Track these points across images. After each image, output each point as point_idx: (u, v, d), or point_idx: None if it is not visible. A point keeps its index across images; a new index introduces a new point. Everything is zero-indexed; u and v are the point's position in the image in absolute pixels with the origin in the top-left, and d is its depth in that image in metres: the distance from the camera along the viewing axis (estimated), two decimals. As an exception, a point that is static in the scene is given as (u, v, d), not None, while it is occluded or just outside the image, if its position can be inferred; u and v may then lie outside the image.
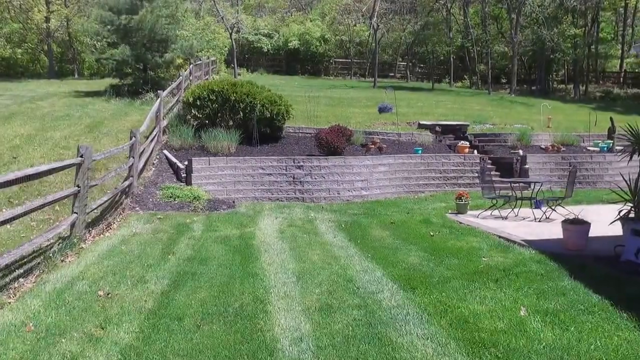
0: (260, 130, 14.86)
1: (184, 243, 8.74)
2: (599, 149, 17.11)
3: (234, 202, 12.30)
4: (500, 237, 9.04)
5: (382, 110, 16.70)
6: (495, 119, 22.22)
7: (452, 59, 41.63)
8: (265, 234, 9.47)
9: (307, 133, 16.77)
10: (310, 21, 44.29)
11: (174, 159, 13.25)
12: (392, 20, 40.99)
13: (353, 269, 7.23)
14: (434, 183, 15.00)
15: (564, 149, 16.96)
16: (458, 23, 44.62)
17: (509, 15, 37.42)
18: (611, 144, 17.06)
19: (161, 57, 19.83)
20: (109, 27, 20.24)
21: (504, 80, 46.50)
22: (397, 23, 41.65)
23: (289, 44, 41.71)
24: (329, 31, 44.37)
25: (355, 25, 45.08)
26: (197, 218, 10.47)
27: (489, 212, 11.43)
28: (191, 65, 20.51)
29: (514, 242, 8.56)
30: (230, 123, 15.39)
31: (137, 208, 11.03)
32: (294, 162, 13.21)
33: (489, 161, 16.02)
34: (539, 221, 10.64)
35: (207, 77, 24.24)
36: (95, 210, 10.60)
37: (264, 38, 42.29)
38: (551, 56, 38.04)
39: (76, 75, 33.59)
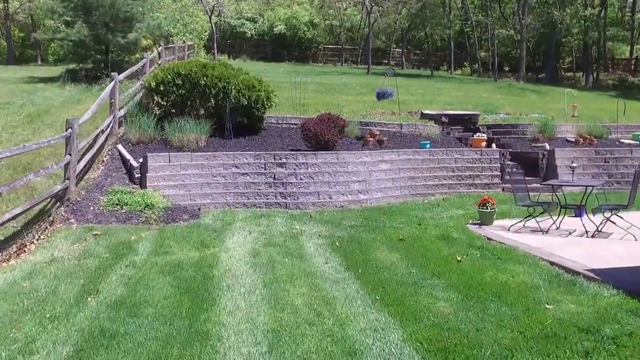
0: (236, 120, 12.34)
1: (117, 275, 6.27)
2: (638, 142, 14.73)
3: (199, 209, 9.80)
4: (552, 263, 6.64)
5: (380, 96, 14.29)
6: (508, 108, 19.81)
7: (452, 44, 39.09)
8: (233, 258, 7.00)
9: (292, 124, 14.25)
10: (298, 4, 41.51)
11: (127, 155, 10.70)
12: (387, 2, 38.31)
13: (356, 326, 4.79)
14: (446, 183, 12.57)
15: (596, 141, 14.58)
16: (457, 7, 42.04)
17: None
18: (647, 136, 14.73)
19: (124, 38, 17.08)
20: (65, 3, 17.50)
21: (507, 68, 44.00)
22: (391, 4, 38.99)
23: (274, 29, 38.95)
24: (317, 15, 41.65)
25: (346, 9, 42.41)
26: (146, 234, 7.96)
27: (521, 224, 9.02)
28: (160, 47, 17.88)
29: (578, 272, 6.15)
30: (202, 112, 12.85)
31: (72, 220, 8.50)
32: (274, 158, 10.71)
33: (509, 157, 13.62)
34: (591, 236, 8.26)
35: (183, 62, 21.55)
36: (11, 225, 8.09)
37: (247, 22, 39.49)
38: (562, 39, 35.52)
39: (39, 62, 30.68)
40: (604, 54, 42.21)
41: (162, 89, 12.39)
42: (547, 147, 14.09)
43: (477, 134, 13.55)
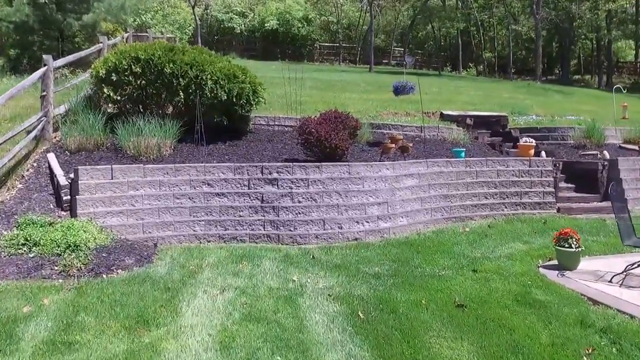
0: (213, 120, 9.39)
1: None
2: None
3: (155, 246, 6.83)
4: None
5: (399, 90, 11.43)
6: (536, 109, 16.98)
7: (460, 41, 36.28)
8: (188, 352, 4.02)
9: (286, 126, 11.32)
10: (292, -1, 38.53)
11: (56, 169, 7.68)
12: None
13: None
14: (487, 203, 9.65)
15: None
16: (460, 6, 39.26)
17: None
18: None
19: (79, 20, 13.98)
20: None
21: (512, 70, 41.33)
22: (392, 0, 36.22)
23: (266, 25, 35.89)
24: (313, 11, 38.68)
25: (343, 5, 39.56)
26: (51, 300, 4.95)
27: (618, 269, 6.12)
28: (128, 34, 14.89)
29: None
30: (170, 109, 9.91)
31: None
32: (262, 172, 7.75)
33: (553, 167, 10.71)
34: None
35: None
36: None
37: (236, 17, 36.41)
38: (575, 38, 32.77)
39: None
40: (612, 56, 39.88)
41: (114, 78, 9.38)
42: (607, 155, 11.21)
43: (525, 138, 10.63)
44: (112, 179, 7.17)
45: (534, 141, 10.46)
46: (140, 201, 7.24)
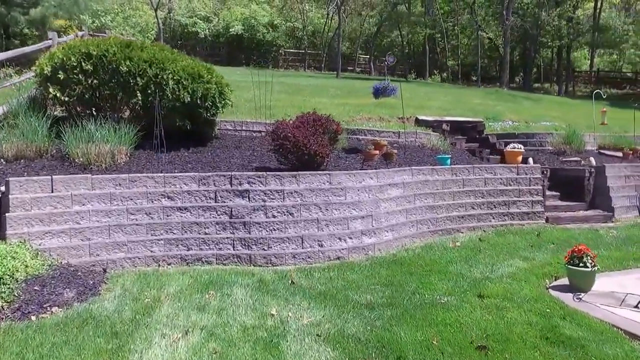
0: (175, 124, 8.34)
1: None
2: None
3: (104, 272, 5.76)
4: None
5: (379, 92, 10.60)
6: (509, 115, 16.59)
7: (427, 47, 36.09)
8: None
9: (255, 131, 10.37)
10: (257, 4, 37.51)
11: (-14, 180, 6.49)
12: (352, 3, 35.01)
13: None
14: (474, 214, 8.93)
15: (646, 155, 11.36)
16: (424, 13, 39.20)
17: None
18: None
19: (25, 14, 12.63)
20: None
21: (474, 78, 41.62)
22: (358, 7, 35.75)
23: (230, 30, 34.77)
24: (279, 16, 37.81)
25: (309, 11, 38.86)
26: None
27: (633, 288, 5.45)
28: (82, 32, 13.60)
29: None
30: (127, 113, 8.82)
31: None
32: (232, 183, 6.77)
33: (541, 175, 10.12)
34: None
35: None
36: None
37: (200, 22, 35.15)
38: (538, 46, 33.00)
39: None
40: (571, 65, 40.69)
41: (61, 77, 8.22)
42: (593, 162, 10.71)
43: (511, 145, 9.99)
44: (52, 192, 6.06)
45: (522, 147, 9.83)
46: (87, 218, 6.14)
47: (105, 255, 6.07)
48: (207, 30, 35.39)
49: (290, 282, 5.76)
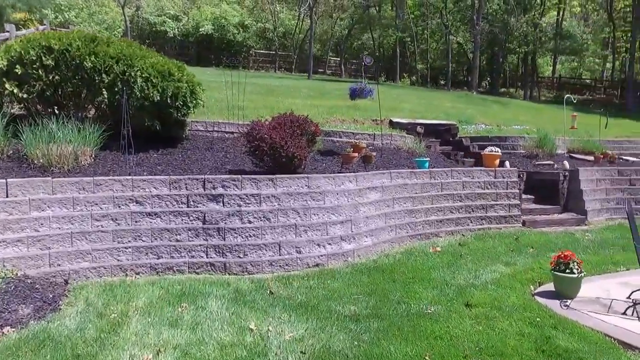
0: (143, 124, 7.90)
1: None
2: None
3: (65, 283, 5.33)
4: None
5: (357, 93, 10.34)
6: (481, 118, 16.63)
7: (397, 50, 36.20)
8: None
9: (228, 132, 10.01)
10: (227, 4, 36.87)
11: None
12: (323, 5, 34.85)
13: None
14: (452, 218, 8.77)
15: (617, 159, 11.45)
16: (395, 16, 39.38)
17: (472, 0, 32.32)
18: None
19: (-19, 6, 11.97)
20: None
21: (442, 82, 42.05)
22: (330, 9, 35.60)
23: (200, 30, 34.04)
24: (249, 17, 37.28)
25: (280, 12, 38.47)
26: None
27: (617, 294, 5.35)
28: (42, 27, 12.90)
29: None
30: (92, 112, 8.35)
31: None
32: (205, 187, 6.40)
33: (518, 178, 10.05)
34: None
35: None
36: None
37: (169, 21, 34.31)
38: (505, 51, 33.51)
39: None
40: (536, 71, 41.58)
41: (19, 72, 7.70)
42: (567, 166, 10.72)
43: (489, 148, 9.89)
44: (7, 196, 5.58)
45: (499, 150, 9.74)
46: (47, 225, 5.68)
47: (68, 265, 5.63)
48: (176, 30, 34.60)
49: (268, 292, 5.44)
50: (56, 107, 8.05)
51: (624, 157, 13.08)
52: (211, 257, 6.14)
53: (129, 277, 5.76)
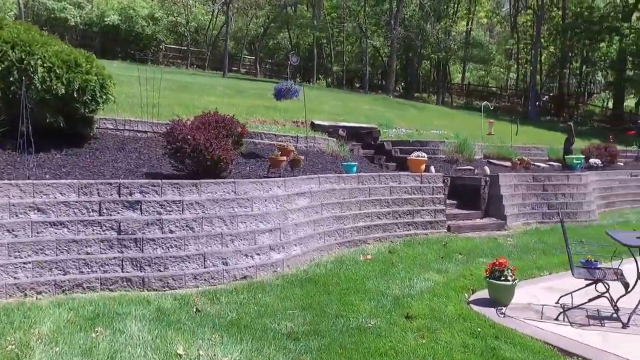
0: (44, 121, 7.00)
1: None
2: (572, 166, 12.44)
3: (-52, 308, 4.47)
4: None
5: (283, 93, 9.87)
6: (399, 122, 16.91)
7: (315, 51, 36.21)
8: None
9: (139, 131, 9.22)
10: (136, -6, 34.92)
11: None
12: (240, 4, 34.10)
13: None
14: (380, 224, 8.67)
15: (531, 165, 12.00)
16: (311, 17, 39.48)
17: (390, 4, 32.92)
18: (582, 160, 12.57)
19: None
20: None
21: (357, 84, 42.78)
22: (245, 6, 34.87)
23: (105, 20, 31.93)
24: (159, 9, 35.58)
25: (192, 6, 37.09)
26: None
27: (545, 299, 5.45)
28: None
29: None
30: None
31: None
32: (120, 193, 5.73)
33: (442, 184, 10.20)
34: None
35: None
36: None
37: (71, 7, 31.82)
38: (420, 58, 34.64)
39: None
40: (448, 77, 43.65)
41: None
42: (488, 171, 11.06)
43: (415, 153, 9.92)
44: None
45: (425, 155, 9.81)
46: None
47: (-49, 285, 4.76)
48: (78, 18, 32.17)
49: (194, 309, 4.93)
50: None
51: (536, 164, 13.79)
52: (127, 272, 5.50)
53: (28, 297, 4.99)
